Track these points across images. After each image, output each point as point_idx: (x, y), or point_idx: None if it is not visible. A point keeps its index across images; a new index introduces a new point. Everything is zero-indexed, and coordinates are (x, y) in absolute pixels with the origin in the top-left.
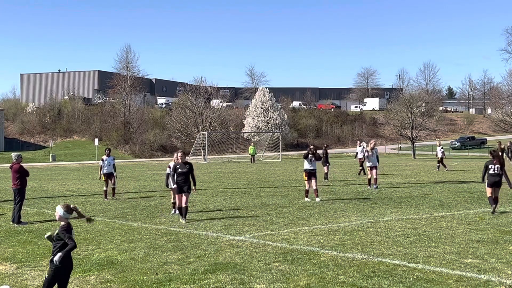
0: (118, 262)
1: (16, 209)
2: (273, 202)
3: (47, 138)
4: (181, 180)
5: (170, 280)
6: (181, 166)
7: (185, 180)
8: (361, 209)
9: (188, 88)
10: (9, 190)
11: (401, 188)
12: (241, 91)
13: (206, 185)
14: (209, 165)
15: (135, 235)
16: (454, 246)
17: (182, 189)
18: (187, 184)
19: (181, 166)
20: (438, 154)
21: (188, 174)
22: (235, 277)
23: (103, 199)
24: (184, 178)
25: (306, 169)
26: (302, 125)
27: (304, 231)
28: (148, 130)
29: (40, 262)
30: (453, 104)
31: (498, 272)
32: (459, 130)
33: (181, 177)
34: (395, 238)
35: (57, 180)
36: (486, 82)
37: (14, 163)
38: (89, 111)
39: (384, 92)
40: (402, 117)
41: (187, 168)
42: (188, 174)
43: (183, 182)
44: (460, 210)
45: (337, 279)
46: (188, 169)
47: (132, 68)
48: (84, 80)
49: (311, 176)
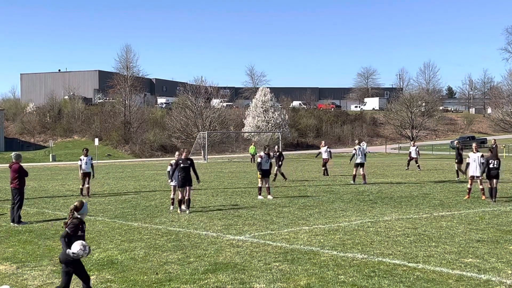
0: (118, 262)
1: (15, 209)
2: (273, 201)
3: (47, 138)
4: (183, 174)
5: (170, 280)
6: (183, 161)
7: (186, 174)
8: (361, 209)
9: (188, 88)
10: (9, 190)
11: (401, 188)
12: (241, 91)
13: (207, 185)
14: (209, 164)
15: (135, 235)
16: (454, 245)
17: (184, 183)
18: (189, 179)
19: (183, 161)
20: (412, 154)
21: (189, 169)
22: (235, 276)
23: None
24: (186, 172)
25: (262, 169)
26: (302, 125)
27: (304, 230)
28: (148, 130)
29: (40, 262)
30: (453, 104)
31: (498, 272)
32: (459, 130)
33: (183, 172)
34: (395, 237)
35: (57, 180)
36: (486, 81)
37: (14, 163)
38: (89, 111)
39: (384, 91)
40: (402, 116)
41: (188, 163)
42: (189, 169)
43: (185, 176)
44: (460, 210)
45: (337, 279)
46: (189, 164)
47: (132, 68)
48: (84, 80)
49: (265, 175)
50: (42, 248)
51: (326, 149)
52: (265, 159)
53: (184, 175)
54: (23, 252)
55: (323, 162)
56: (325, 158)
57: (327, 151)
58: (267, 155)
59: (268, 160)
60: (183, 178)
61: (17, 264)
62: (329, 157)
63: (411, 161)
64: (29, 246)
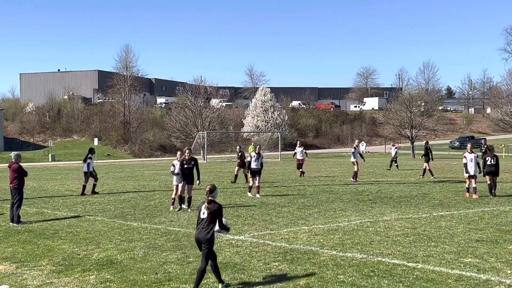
0: (117, 261)
1: (14, 208)
2: (273, 201)
3: (46, 138)
4: (187, 174)
5: (169, 279)
6: (187, 162)
7: (190, 174)
8: (361, 209)
9: (188, 87)
10: (8, 190)
11: (401, 188)
12: (240, 91)
13: (206, 185)
14: (208, 164)
15: (135, 235)
16: (454, 245)
17: (187, 181)
18: (191, 177)
19: (187, 162)
20: (392, 154)
21: (193, 169)
22: (235, 276)
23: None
24: (190, 172)
25: (251, 168)
26: (302, 124)
27: (303, 230)
28: (148, 130)
29: (39, 262)
30: (452, 104)
31: (498, 272)
32: (458, 130)
33: (187, 172)
34: (395, 237)
35: (57, 180)
36: (486, 81)
37: (13, 163)
38: (88, 111)
39: (384, 91)
40: (402, 116)
41: (192, 164)
42: (193, 169)
43: (188, 175)
44: (459, 210)
45: (336, 279)
46: (193, 165)
47: (132, 67)
48: (83, 79)
49: (255, 174)
50: (42, 248)
51: (302, 150)
52: (254, 158)
53: (188, 175)
54: (22, 252)
55: (298, 163)
56: (300, 159)
57: (303, 152)
58: (257, 155)
59: (258, 160)
60: (187, 177)
61: (17, 264)
62: (304, 158)
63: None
64: (28, 246)
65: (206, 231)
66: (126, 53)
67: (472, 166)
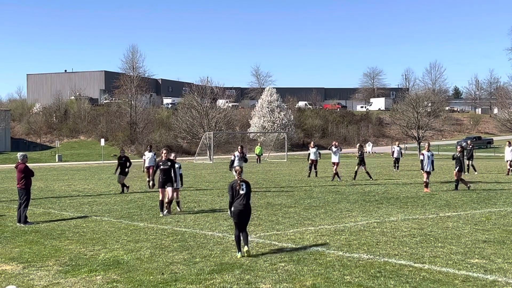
0: (124, 262)
1: (21, 209)
2: (279, 202)
3: (53, 138)
4: (163, 176)
5: (176, 280)
6: (163, 163)
7: (167, 176)
8: (367, 209)
9: (194, 88)
10: (15, 190)
11: (407, 188)
12: (247, 91)
13: (212, 185)
14: (215, 165)
15: (141, 235)
16: (461, 246)
17: (163, 184)
18: (169, 180)
19: (163, 163)
20: (395, 154)
21: (170, 170)
22: (241, 277)
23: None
24: (166, 174)
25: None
26: (308, 125)
27: (310, 231)
28: (154, 130)
29: (46, 262)
30: (459, 104)
31: (505, 272)
32: (465, 130)
33: (163, 173)
34: (401, 238)
35: (64, 180)
36: (493, 81)
37: (20, 163)
38: (95, 112)
39: (390, 92)
40: (408, 117)
41: (168, 165)
42: (170, 170)
43: (165, 178)
44: (466, 210)
45: (343, 279)
46: (170, 166)
47: (138, 68)
48: (90, 80)
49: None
50: (48, 248)
51: (316, 150)
52: (237, 158)
53: (165, 177)
54: (29, 252)
55: (312, 163)
56: (313, 159)
57: (316, 152)
58: (240, 154)
59: (241, 159)
60: (163, 179)
61: (23, 264)
62: (317, 158)
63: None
64: (35, 246)
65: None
66: (133, 54)
67: (429, 163)
